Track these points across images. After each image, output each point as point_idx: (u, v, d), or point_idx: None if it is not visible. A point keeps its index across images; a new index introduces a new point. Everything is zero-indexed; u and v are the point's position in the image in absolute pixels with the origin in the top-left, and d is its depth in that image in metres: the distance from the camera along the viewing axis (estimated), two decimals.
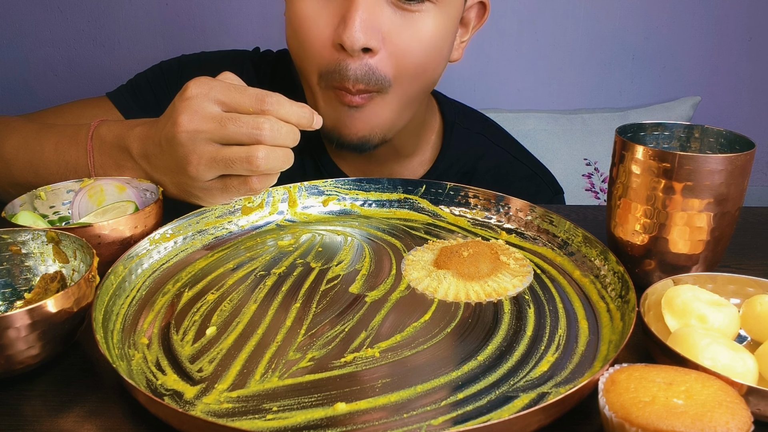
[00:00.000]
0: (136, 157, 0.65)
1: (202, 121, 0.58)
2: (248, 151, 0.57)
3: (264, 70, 0.92)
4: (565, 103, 1.45)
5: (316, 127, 0.62)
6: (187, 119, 0.58)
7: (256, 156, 0.57)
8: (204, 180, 0.60)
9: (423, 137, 0.88)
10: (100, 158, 0.68)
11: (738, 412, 0.37)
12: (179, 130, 0.58)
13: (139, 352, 0.48)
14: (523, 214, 0.68)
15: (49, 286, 0.52)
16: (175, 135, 0.58)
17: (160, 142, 0.61)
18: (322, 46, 0.69)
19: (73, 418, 0.42)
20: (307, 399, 0.43)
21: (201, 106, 0.58)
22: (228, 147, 0.58)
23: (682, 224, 0.55)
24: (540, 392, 0.44)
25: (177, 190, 0.64)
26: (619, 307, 0.52)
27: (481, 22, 0.81)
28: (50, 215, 0.65)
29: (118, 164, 0.67)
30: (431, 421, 0.41)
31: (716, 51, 1.41)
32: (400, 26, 0.68)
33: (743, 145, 0.58)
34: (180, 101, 0.59)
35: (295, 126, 0.60)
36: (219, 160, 0.58)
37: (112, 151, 0.67)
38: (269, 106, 0.58)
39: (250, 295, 0.56)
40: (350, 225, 0.70)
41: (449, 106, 0.92)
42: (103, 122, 0.70)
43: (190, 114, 0.58)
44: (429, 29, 0.70)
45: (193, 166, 0.59)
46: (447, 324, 0.52)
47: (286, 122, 0.59)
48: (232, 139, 0.58)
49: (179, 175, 0.61)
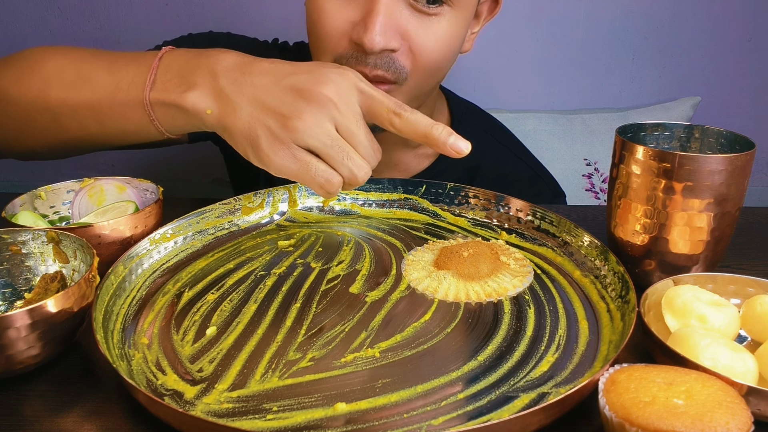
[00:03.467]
0: (220, 71, 0.57)
1: (342, 105, 0.54)
2: (344, 164, 0.54)
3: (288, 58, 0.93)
4: (565, 103, 1.45)
5: (458, 150, 0.56)
6: (334, 90, 0.54)
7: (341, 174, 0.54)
8: (300, 140, 0.53)
9: None
10: (164, 75, 0.60)
11: (738, 412, 0.37)
12: (321, 90, 0.53)
13: (139, 352, 0.48)
14: (524, 214, 0.68)
15: (49, 286, 0.52)
16: (310, 90, 0.53)
17: (278, 81, 0.55)
18: (340, 36, 0.69)
19: (73, 418, 0.42)
20: (307, 399, 0.43)
21: (348, 95, 0.55)
22: (341, 138, 0.54)
23: (682, 224, 0.55)
24: (540, 392, 0.44)
25: (246, 124, 0.55)
26: (619, 307, 0.52)
27: (493, 14, 0.81)
28: (50, 215, 0.65)
29: (185, 80, 0.58)
30: (431, 421, 0.41)
31: (716, 51, 1.41)
32: (418, 28, 0.69)
33: (743, 145, 0.58)
34: (335, 73, 0.55)
35: (425, 136, 0.55)
36: (328, 135, 0.53)
37: (184, 67, 0.59)
38: (404, 111, 0.55)
39: (250, 295, 0.56)
40: (350, 225, 0.70)
41: (457, 102, 0.93)
42: (176, 48, 0.63)
43: (337, 90, 0.54)
44: (446, 31, 0.70)
45: (303, 121, 0.53)
46: (447, 324, 0.52)
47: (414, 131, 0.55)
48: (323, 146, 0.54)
49: (273, 117, 0.54)
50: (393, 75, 0.70)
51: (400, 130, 0.55)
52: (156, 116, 0.60)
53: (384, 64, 0.68)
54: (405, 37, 0.68)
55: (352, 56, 0.69)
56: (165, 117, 0.60)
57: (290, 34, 0.97)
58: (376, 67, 0.68)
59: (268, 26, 1.37)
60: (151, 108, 0.60)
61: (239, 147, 0.56)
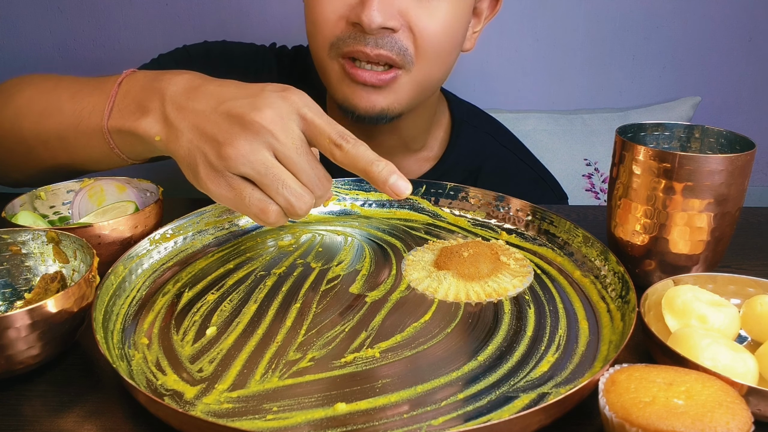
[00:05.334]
0: (168, 97, 0.56)
1: (279, 132, 0.51)
2: (281, 190, 0.52)
3: (284, 62, 0.93)
4: (565, 103, 1.45)
5: (399, 192, 0.52)
6: (270, 116, 0.51)
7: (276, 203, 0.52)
8: (233, 168, 0.51)
9: (432, 133, 0.89)
10: (122, 101, 0.60)
11: (738, 412, 0.37)
12: (255, 117, 0.51)
13: (139, 352, 0.48)
14: (524, 214, 0.68)
15: (49, 286, 0.52)
16: (245, 116, 0.51)
17: (216, 106, 0.53)
18: (337, 19, 0.69)
19: (73, 418, 0.42)
20: (307, 399, 0.43)
21: (288, 121, 0.52)
22: (279, 166, 0.52)
23: (682, 224, 0.55)
24: (540, 392, 0.44)
25: (186, 151, 0.54)
26: (619, 307, 0.52)
27: (494, 13, 0.81)
28: (50, 215, 0.65)
29: (140, 106, 0.58)
30: (431, 421, 0.41)
31: (716, 51, 1.41)
32: (418, 8, 0.69)
33: (743, 145, 0.58)
34: (276, 96, 0.52)
35: (365, 173, 0.51)
36: (262, 163, 0.51)
37: (140, 93, 0.59)
38: (346, 143, 0.51)
39: (250, 295, 0.56)
40: (350, 225, 0.70)
41: (458, 104, 0.93)
42: (139, 70, 0.63)
43: (274, 117, 0.51)
44: (445, 13, 0.70)
45: (235, 149, 0.51)
46: (447, 324, 0.52)
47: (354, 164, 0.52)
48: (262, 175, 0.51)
49: (209, 144, 0.52)
50: (398, 56, 0.69)
51: (341, 163, 0.51)
52: (115, 144, 0.61)
53: (386, 44, 0.68)
54: (405, 17, 0.69)
55: (350, 36, 0.69)
56: (124, 144, 0.61)
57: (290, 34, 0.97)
58: (377, 46, 0.68)
59: (268, 26, 1.37)
60: (110, 136, 0.61)
61: (184, 172, 0.56)
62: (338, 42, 0.70)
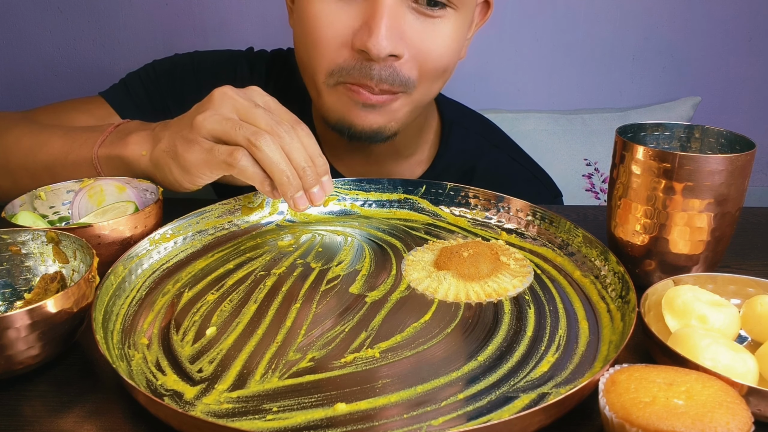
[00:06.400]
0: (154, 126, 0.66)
1: (236, 95, 0.59)
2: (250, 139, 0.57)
3: (258, 68, 0.92)
4: (565, 103, 1.45)
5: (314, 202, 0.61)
6: (229, 89, 0.60)
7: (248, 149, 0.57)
8: (202, 130, 0.58)
9: (422, 136, 0.88)
10: (115, 136, 0.68)
11: (738, 412, 0.37)
12: (216, 92, 0.60)
13: (139, 353, 0.48)
14: (523, 214, 0.68)
15: (49, 286, 0.52)
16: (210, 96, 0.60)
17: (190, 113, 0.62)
18: (339, 46, 0.67)
19: (73, 418, 0.42)
20: (307, 399, 0.43)
21: (246, 91, 0.60)
22: (237, 118, 0.59)
23: (682, 224, 0.55)
24: (540, 393, 0.44)
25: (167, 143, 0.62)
26: (619, 307, 0.52)
27: (484, 19, 0.81)
28: (50, 215, 0.65)
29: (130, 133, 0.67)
30: (431, 421, 0.41)
31: (716, 51, 1.41)
32: (422, 32, 0.68)
33: (743, 145, 0.58)
34: (203, 102, 0.61)
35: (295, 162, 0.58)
36: (223, 116, 0.58)
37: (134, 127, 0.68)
38: (283, 132, 0.57)
39: (250, 295, 0.56)
40: (350, 225, 0.70)
41: (447, 105, 0.92)
42: (131, 121, 0.72)
43: (235, 90, 0.60)
44: (449, 34, 0.70)
45: (202, 114, 0.58)
46: (447, 324, 0.52)
47: None
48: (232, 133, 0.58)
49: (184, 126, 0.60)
50: (400, 86, 0.69)
51: None
52: (102, 169, 0.68)
53: (389, 77, 0.67)
54: (409, 44, 0.67)
55: (354, 68, 0.67)
56: (109, 168, 0.68)
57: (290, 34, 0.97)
58: (381, 80, 0.67)
59: (268, 26, 1.37)
60: (98, 162, 0.68)
61: (164, 170, 0.63)
62: (340, 71, 0.68)
